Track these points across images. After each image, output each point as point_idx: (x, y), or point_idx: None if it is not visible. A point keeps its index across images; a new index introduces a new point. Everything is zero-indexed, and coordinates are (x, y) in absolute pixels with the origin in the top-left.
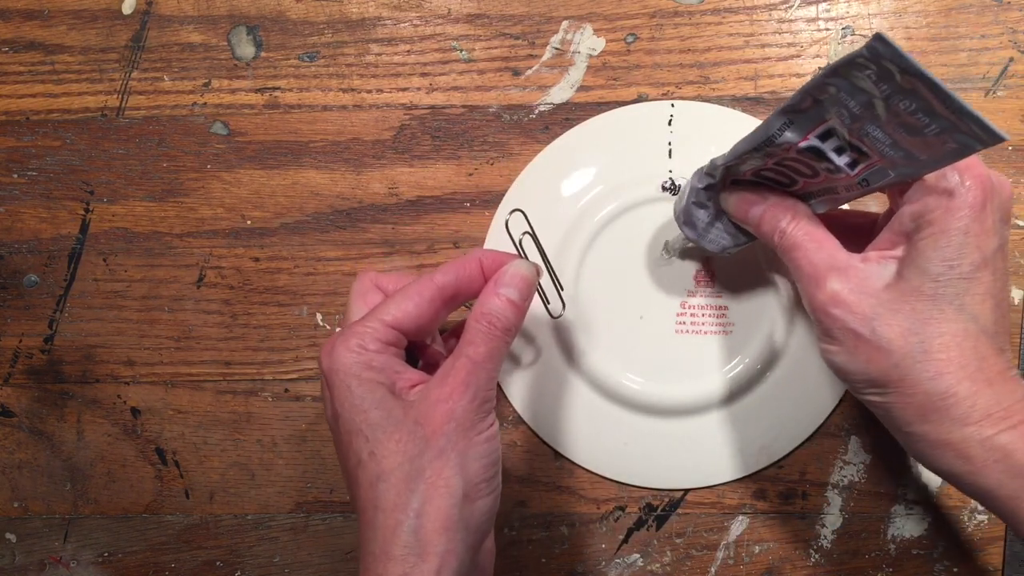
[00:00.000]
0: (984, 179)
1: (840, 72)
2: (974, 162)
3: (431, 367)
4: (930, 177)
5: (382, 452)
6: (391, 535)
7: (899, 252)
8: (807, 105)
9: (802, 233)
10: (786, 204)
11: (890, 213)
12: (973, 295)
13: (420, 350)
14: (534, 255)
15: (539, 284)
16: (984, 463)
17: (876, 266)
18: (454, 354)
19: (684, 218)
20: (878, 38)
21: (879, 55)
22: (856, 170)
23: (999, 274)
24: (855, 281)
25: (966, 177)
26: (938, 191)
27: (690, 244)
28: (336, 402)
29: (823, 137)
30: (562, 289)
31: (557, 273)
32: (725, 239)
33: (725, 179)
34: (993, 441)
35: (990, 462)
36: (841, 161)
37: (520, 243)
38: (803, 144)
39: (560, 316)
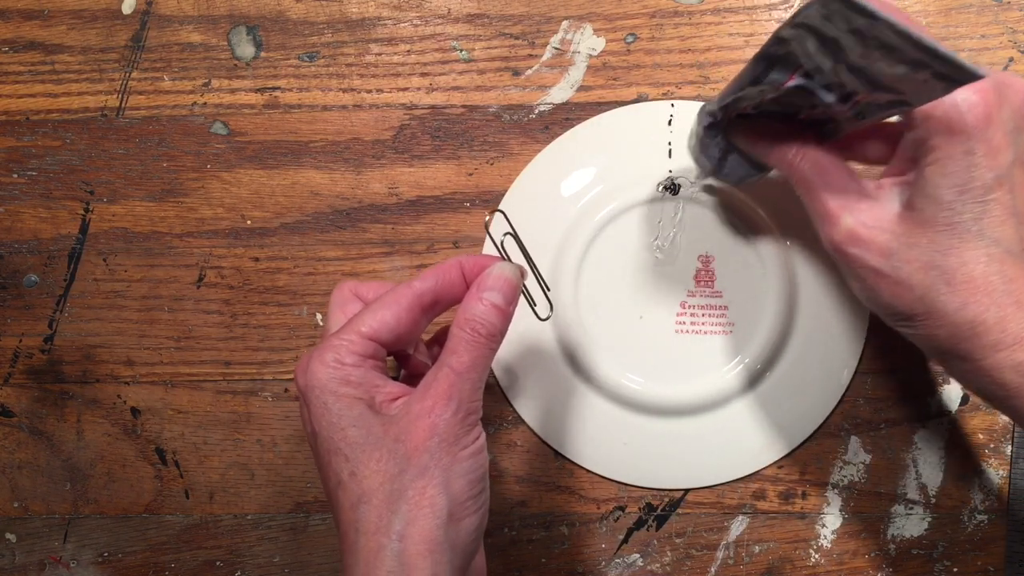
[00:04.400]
0: (986, 91)
1: (801, 23)
2: (980, 80)
3: (415, 378)
4: None
5: (362, 472)
6: (374, 559)
7: (911, 177)
8: (782, 51)
9: (808, 166)
10: (791, 135)
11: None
12: (991, 217)
13: (403, 360)
14: (517, 256)
15: (524, 286)
16: (1019, 387)
17: (888, 195)
18: (436, 364)
19: (697, 153)
20: None
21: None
22: (848, 104)
23: (1018, 189)
24: (868, 215)
25: (967, 91)
26: (937, 112)
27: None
28: (314, 421)
29: (808, 76)
30: (548, 290)
31: (546, 275)
32: (742, 168)
33: (728, 115)
34: None
35: None
36: (830, 98)
37: (502, 244)
38: (790, 84)
39: (548, 318)
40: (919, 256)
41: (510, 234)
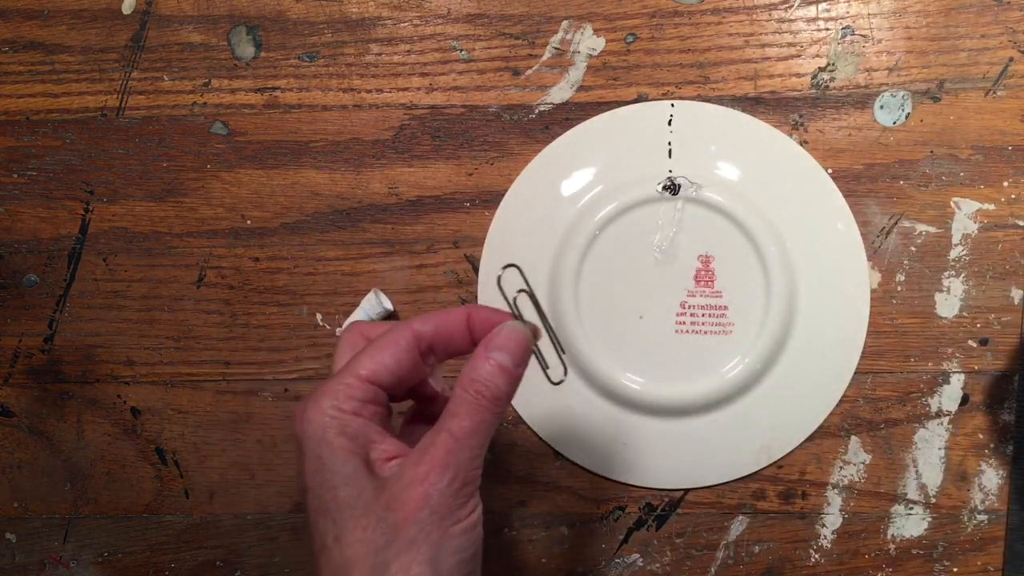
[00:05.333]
0: None
1: None
2: None
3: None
4: None
5: (347, 540)
6: None
7: None
8: None
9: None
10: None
11: None
12: None
13: (426, 402)
14: (531, 316)
15: (536, 347)
16: None
17: None
18: (435, 427)
19: None
20: None
21: None
22: None
23: None
24: None
25: None
26: None
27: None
28: (306, 475)
29: None
30: (563, 352)
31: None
32: None
33: None
34: None
35: None
36: None
37: (515, 302)
38: None
39: (561, 382)
40: None
41: (524, 291)
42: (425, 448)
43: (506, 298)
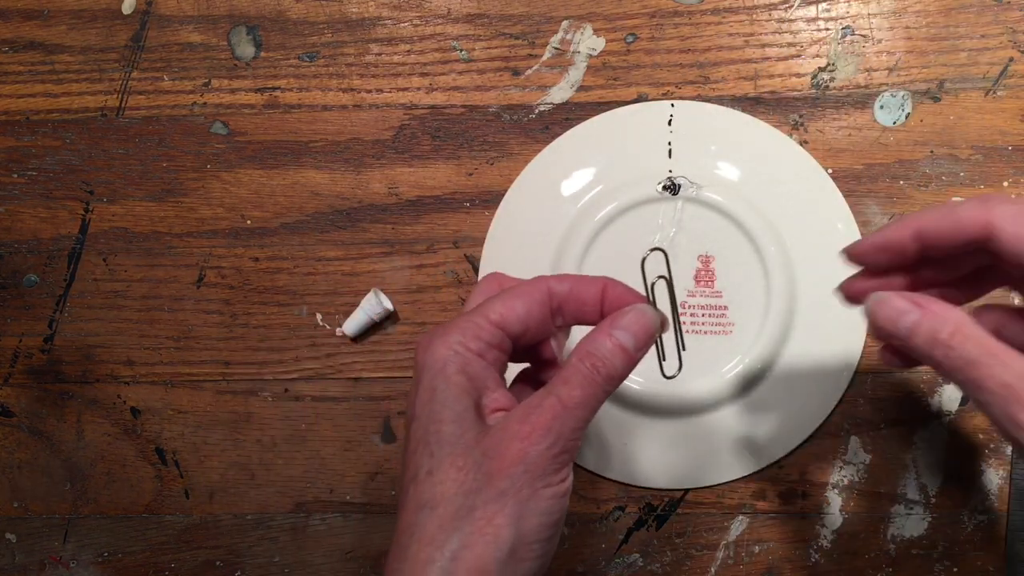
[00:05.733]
0: None
1: None
2: None
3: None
4: None
5: (439, 476)
6: (420, 571)
7: None
8: None
9: (974, 346)
10: (946, 310)
11: None
12: None
13: (540, 366)
14: (664, 304)
15: (659, 338)
16: None
17: None
18: (545, 389)
19: None
20: None
21: None
22: None
23: None
24: None
25: None
26: None
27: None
28: (417, 404)
29: None
30: (684, 350)
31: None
32: None
33: None
34: None
35: None
36: None
37: (652, 287)
38: None
39: (674, 377)
40: None
41: (664, 278)
42: (532, 407)
43: (645, 280)
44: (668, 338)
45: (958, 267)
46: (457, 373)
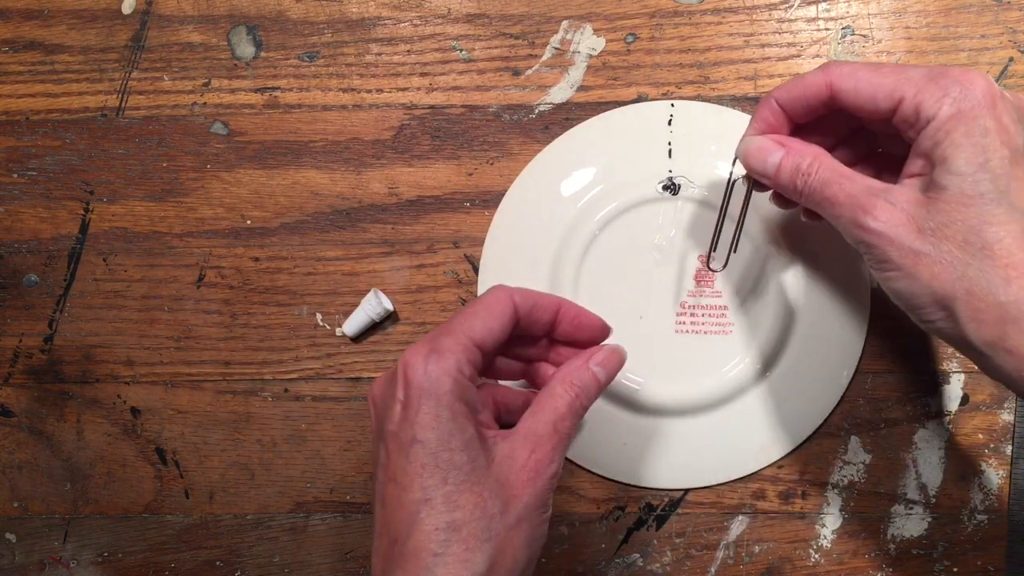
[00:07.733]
0: (987, 85)
1: None
2: (975, 74)
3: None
4: (932, 96)
5: (459, 501)
6: None
7: (927, 170)
8: None
9: (827, 170)
10: (806, 147)
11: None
12: (1018, 191)
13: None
14: (737, 199)
15: (717, 230)
16: None
17: (913, 186)
18: (536, 418)
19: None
20: None
21: None
22: None
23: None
24: (902, 201)
25: (966, 85)
26: (946, 103)
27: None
28: (419, 427)
29: None
30: (735, 252)
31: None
32: None
33: None
34: None
35: None
36: None
37: (733, 183)
38: None
39: (718, 271)
40: (956, 233)
41: (745, 179)
42: (536, 439)
43: (730, 178)
44: (726, 234)
45: (834, 132)
46: (458, 401)
